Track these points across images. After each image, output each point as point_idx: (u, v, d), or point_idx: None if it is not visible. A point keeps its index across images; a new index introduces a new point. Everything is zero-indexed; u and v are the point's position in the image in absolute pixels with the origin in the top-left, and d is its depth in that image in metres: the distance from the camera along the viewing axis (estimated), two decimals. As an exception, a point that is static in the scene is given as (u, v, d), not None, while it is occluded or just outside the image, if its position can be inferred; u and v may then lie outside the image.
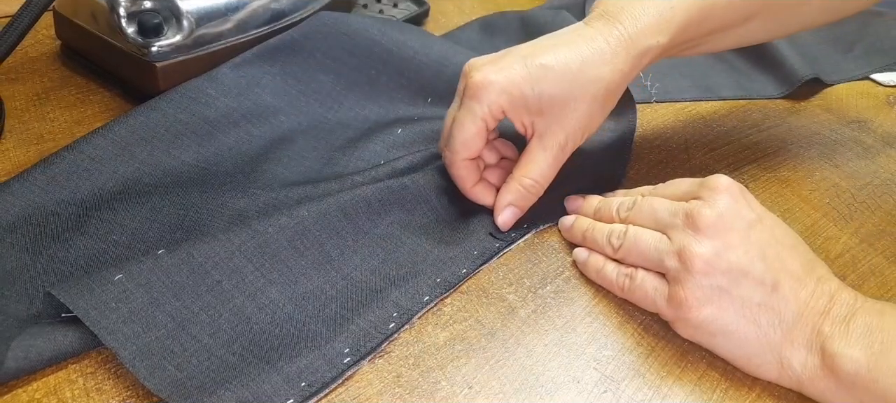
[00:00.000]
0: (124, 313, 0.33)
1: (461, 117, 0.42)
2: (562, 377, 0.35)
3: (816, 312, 0.35)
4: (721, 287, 0.35)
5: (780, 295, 0.35)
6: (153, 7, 0.48)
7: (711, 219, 0.36)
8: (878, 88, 0.70)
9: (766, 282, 0.35)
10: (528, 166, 0.43)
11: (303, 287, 0.37)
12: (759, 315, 0.35)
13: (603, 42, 0.41)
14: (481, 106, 0.41)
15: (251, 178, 0.44)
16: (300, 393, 0.32)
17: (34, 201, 0.39)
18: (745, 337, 0.35)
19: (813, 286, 0.36)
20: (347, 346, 0.34)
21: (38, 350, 0.31)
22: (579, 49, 0.41)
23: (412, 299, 0.37)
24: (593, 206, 0.44)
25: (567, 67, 0.41)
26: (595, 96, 0.41)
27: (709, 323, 0.36)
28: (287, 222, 0.38)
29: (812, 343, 0.34)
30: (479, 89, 0.41)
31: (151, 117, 0.45)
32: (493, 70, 0.41)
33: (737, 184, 0.38)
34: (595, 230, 0.42)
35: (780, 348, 0.35)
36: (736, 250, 0.36)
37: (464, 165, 0.43)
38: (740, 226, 0.36)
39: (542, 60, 0.41)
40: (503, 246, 0.42)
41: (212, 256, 0.36)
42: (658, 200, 0.40)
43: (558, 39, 0.42)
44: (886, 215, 0.51)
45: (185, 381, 0.31)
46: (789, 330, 0.35)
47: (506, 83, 0.41)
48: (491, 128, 0.42)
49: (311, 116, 0.50)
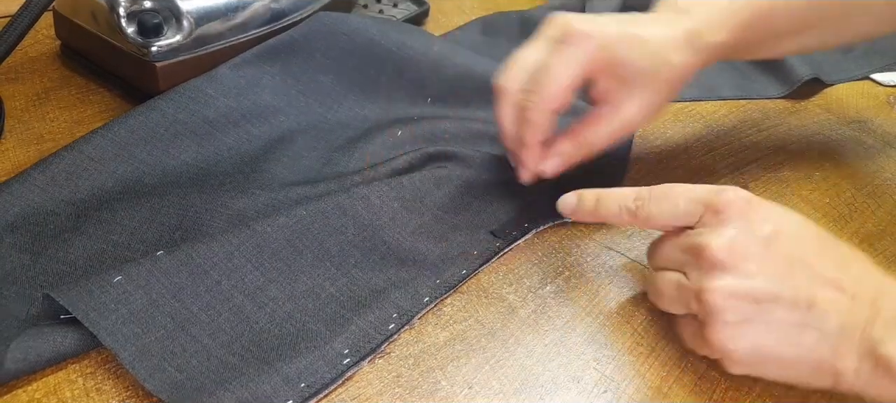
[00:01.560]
0: (124, 314, 0.33)
1: (556, 63, 0.40)
2: (562, 377, 0.35)
3: (861, 317, 0.32)
4: (751, 318, 0.33)
5: (818, 311, 0.32)
6: (153, 7, 0.48)
7: (723, 251, 0.33)
8: (878, 88, 0.70)
9: (799, 302, 0.32)
10: (595, 127, 0.42)
11: (302, 284, 0.37)
12: (801, 336, 0.32)
13: (676, 30, 0.41)
14: (581, 53, 0.40)
15: (251, 178, 0.44)
16: (300, 394, 0.32)
17: (34, 201, 0.39)
18: (793, 361, 0.33)
19: (853, 288, 0.33)
20: (347, 347, 0.34)
21: (38, 351, 0.32)
22: (660, 30, 0.41)
23: (412, 299, 0.37)
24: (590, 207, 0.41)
25: (655, 44, 0.41)
26: (668, 80, 0.42)
27: (750, 356, 0.33)
28: (286, 221, 0.38)
29: (862, 351, 0.32)
30: (581, 37, 0.39)
31: (151, 117, 0.45)
32: (591, 24, 0.40)
33: (743, 195, 0.35)
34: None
35: (831, 363, 0.32)
36: (757, 277, 0.33)
37: (546, 116, 0.40)
38: (756, 249, 0.33)
39: (634, 30, 0.41)
40: (504, 246, 0.42)
41: (211, 256, 0.36)
42: (667, 243, 0.37)
43: (637, 18, 0.42)
44: (887, 215, 0.51)
45: (184, 382, 0.31)
46: (836, 343, 0.32)
47: (604, 39, 0.40)
48: (581, 81, 0.41)
49: (310, 116, 0.50)
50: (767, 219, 0.34)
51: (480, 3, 0.76)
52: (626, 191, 0.38)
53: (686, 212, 0.36)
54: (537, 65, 0.41)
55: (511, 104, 0.42)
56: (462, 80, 0.55)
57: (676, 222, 0.37)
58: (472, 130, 0.51)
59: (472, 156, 0.48)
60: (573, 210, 0.40)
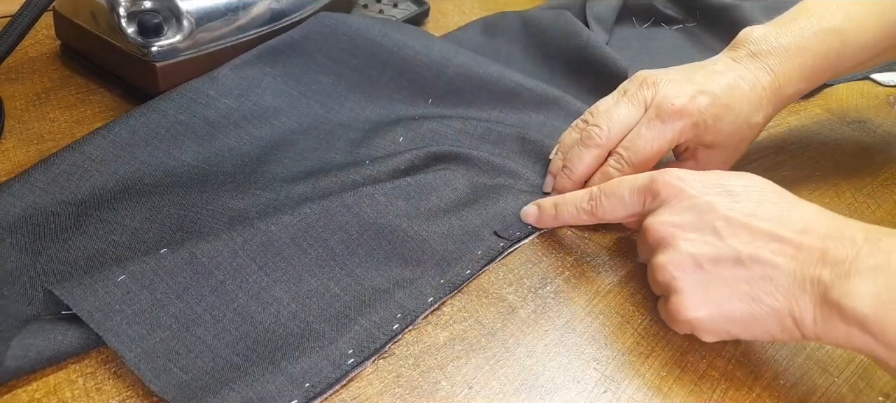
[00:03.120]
0: (129, 315, 0.33)
1: (649, 136, 0.43)
2: (562, 377, 0.35)
3: (810, 263, 0.32)
4: (701, 283, 0.34)
5: (763, 263, 0.33)
6: (153, 7, 0.48)
7: (659, 228, 0.36)
8: (878, 88, 0.70)
9: (742, 258, 0.34)
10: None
11: (307, 284, 0.37)
12: (755, 290, 0.33)
13: (761, 89, 0.44)
14: (675, 131, 0.43)
15: (251, 179, 0.44)
16: (304, 394, 0.32)
17: (34, 201, 0.39)
18: (754, 317, 0.33)
19: (797, 238, 0.33)
20: (351, 347, 0.34)
21: (38, 350, 0.31)
22: (745, 93, 0.44)
23: (416, 300, 0.37)
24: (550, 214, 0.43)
25: (741, 109, 0.44)
26: (749, 139, 0.46)
27: (714, 320, 0.34)
28: (290, 220, 0.38)
29: (815, 297, 0.32)
30: (675, 115, 0.43)
31: (151, 118, 0.45)
32: (686, 97, 0.43)
33: (676, 174, 0.37)
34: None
35: (789, 312, 0.33)
36: (696, 242, 0.35)
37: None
38: (690, 217, 0.36)
39: (723, 99, 0.44)
40: (507, 246, 0.42)
41: (215, 256, 0.36)
42: (637, 240, 0.40)
43: (722, 73, 0.45)
44: (886, 215, 0.51)
45: (190, 382, 0.31)
46: (790, 292, 0.33)
47: (697, 115, 0.43)
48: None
49: (311, 117, 0.50)
50: (702, 191, 0.36)
51: (480, 4, 0.76)
52: (580, 193, 0.41)
53: (631, 202, 0.39)
54: (628, 125, 0.44)
55: (596, 152, 0.45)
56: (463, 81, 0.55)
57: (625, 211, 0.39)
58: (474, 132, 0.51)
59: (475, 156, 0.48)
60: (536, 218, 0.43)
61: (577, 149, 0.45)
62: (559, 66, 0.63)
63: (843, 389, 0.37)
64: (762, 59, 0.45)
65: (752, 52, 0.46)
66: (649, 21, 0.76)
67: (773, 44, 0.45)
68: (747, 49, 0.46)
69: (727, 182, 0.37)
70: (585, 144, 0.45)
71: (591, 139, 0.44)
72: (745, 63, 0.45)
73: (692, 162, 0.46)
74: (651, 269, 0.37)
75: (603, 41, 0.65)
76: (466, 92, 0.55)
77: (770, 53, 0.45)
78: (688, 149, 0.46)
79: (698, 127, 0.43)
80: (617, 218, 0.40)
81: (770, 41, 0.45)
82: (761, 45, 0.45)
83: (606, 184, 0.40)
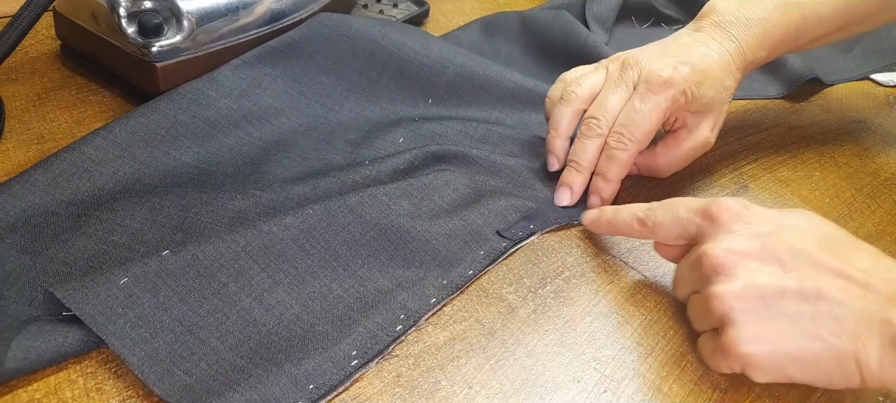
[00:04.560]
0: (131, 318, 0.33)
1: (645, 109, 0.44)
2: (562, 377, 0.35)
3: (878, 305, 0.31)
4: (762, 317, 0.33)
5: (829, 301, 0.32)
6: (153, 7, 0.48)
7: (721, 255, 0.34)
8: (878, 88, 0.70)
9: (808, 293, 0.32)
10: (676, 150, 0.48)
11: (310, 286, 0.37)
12: (817, 328, 0.32)
13: (728, 55, 0.47)
14: (666, 101, 0.44)
15: (251, 180, 0.44)
16: (308, 396, 0.32)
17: (34, 202, 0.39)
18: (816, 357, 0.32)
19: (863, 276, 0.32)
20: (355, 348, 0.34)
21: (38, 351, 0.31)
22: (716, 59, 0.46)
23: (419, 301, 0.37)
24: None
25: (716, 74, 0.46)
26: (727, 100, 0.48)
27: (770, 358, 0.32)
28: (292, 221, 0.38)
29: (884, 339, 0.31)
30: (664, 85, 0.44)
31: (152, 118, 0.45)
32: (669, 68, 0.45)
33: (738, 201, 0.36)
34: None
35: (852, 354, 0.31)
36: (758, 273, 0.33)
37: (634, 156, 0.45)
38: (755, 247, 0.34)
39: (700, 65, 0.45)
40: (510, 246, 0.42)
41: (218, 258, 0.36)
42: (680, 267, 0.38)
43: (693, 44, 0.47)
44: (886, 215, 0.51)
45: (194, 386, 0.31)
46: (855, 333, 0.31)
47: (683, 83, 0.45)
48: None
49: (312, 118, 0.51)
50: (765, 220, 0.35)
51: (480, 4, 0.76)
52: (637, 205, 0.41)
53: (686, 220, 0.38)
54: (620, 106, 0.45)
55: (599, 142, 0.46)
56: (463, 81, 0.55)
57: (679, 229, 0.38)
58: (474, 134, 0.51)
59: (476, 156, 0.48)
60: (593, 222, 0.44)
61: (579, 142, 0.46)
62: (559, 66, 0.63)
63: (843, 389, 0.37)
64: (726, 29, 0.47)
65: (716, 22, 0.48)
66: (649, 21, 0.76)
67: (736, 15, 0.47)
68: (711, 19, 0.48)
69: (790, 216, 0.36)
70: (588, 136, 0.46)
71: (591, 131, 0.45)
72: (710, 32, 0.47)
73: (684, 130, 0.48)
74: (705, 299, 0.35)
75: (602, 41, 0.65)
76: (466, 92, 0.55)
77: (733, 23, 0.47)
78: (677, 119, 0.48)
79: (686, 94, 0.45)
80: (668, 234, 0.39)
81: (733, 12, 0.48)
82: (725, 15, 0.48)
83: (664, 201, 0.40)
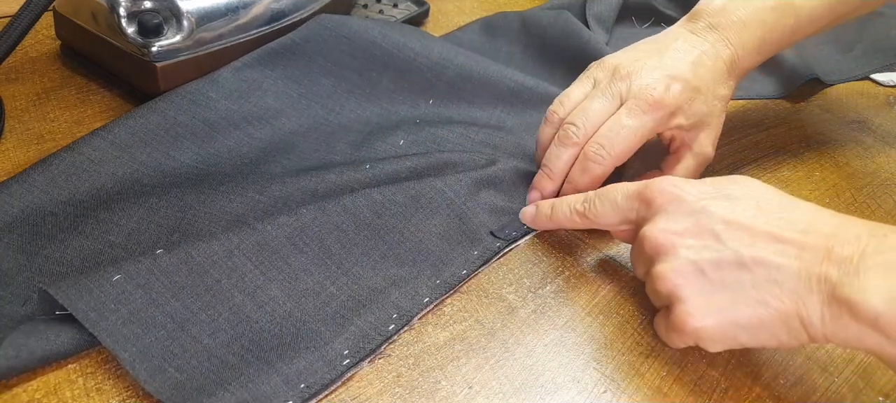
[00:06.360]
0: (124, 314, 0.33)
1: (631, 126, 0.43)
2: (562, 377, 0.35)
3: (815, 262, 0.32)
4: (705, 290, 0.34)
5: (768, 265, 0.32)
6: (153, 7, 0.48)
7: (657, 236, 0.35)
8: (878, 88, 0.70)
9: (745, 261, 0.33)
10: (678, 165, 0.47)
11: (303, 283, 0.37)
12: (761, 294, 0.32)
13: (722, 63, 0.45)
14: (653, 121, 0.43)
15: (251, 181, 0.44)
16: (299, 395, 0.32)
17: (32, 202, 0.39)
18: (761, 322, 0.32)
19: (800, 237, 0.33)
20: (347, 348, 0.34)
21: (30, 349, 0.31)
22: (709, 69, 0.45)
23: (412, 300, 0.37)
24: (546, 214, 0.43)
25: (708, 88, 0.45)
26: (722, 110, 0.47)
27: (720, 328, 0.33)
28: (286, 219, 0.38)
29: (823, 296, 0.31)
30: (654, 106, 0.43)
31: (151, 119, 0.45)
32: (662, 86, 0.43)
33: (671, 181, 0.37)
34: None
35: (796, 313, 0.32)
36: (696, 248, 0.34)
37: (610, 171, 0.44)
38: (690, 224, 0.35)
39: (692, 81, 0.44)
40: (504, 246, 0.42)
41: (211, 255, 0.36)
42: (632, 252, 0.39)
43: (687, 51, 0.45)
44: (886, 215, 0.51)
45: (185, 383, 0.31)
46: (797, 293, 0.32)
47: (673, 105, 0.44)
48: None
49: (312, 119, 0.51)
50: (698, 197, 0.36)
51: (480, 4, 0.76)
52: (575, 197, 0.42)
53: (625, 207, 0.39)
54: (603, 117, 0.44)
55: (574, 151, 0.44)
56: (463, 81, 0.55)
57: (617, 216, 0.39)
58: (475, 138, 0.51)
59: (473, 158, 0.48)
60: (532, 219, 0.44)
61: (554, 148, 0.45)
62: (559, 66, 0.63)
63: (843, 389, 0.37)
64: (721, 32, 0.46)
65: (712, 24, 0.46)
66: (649, 21, 0.76)
67: (731, 17, 0.46)
68: (707, 21, 0.46)
69: (723, 186, 0.36)
70: (563, 143, 0.44)
71: (568, 138, 0.44)
72: (704, 35, 0.46)
73: (685, 148, 0.47)
74: (650, 280, 0.36)
75: (603, 41, 0.65)
76: (467, 92, 0.55)
77: (729, 26, 0.46)
78: (674, 138, 0.47)
79: (675, 114, 0.44)
80: (609, 222, 0.40)
81: (729, 14, 0.46)
82: (720, 17, 0.46)
83: (601, 189, 0.40)
